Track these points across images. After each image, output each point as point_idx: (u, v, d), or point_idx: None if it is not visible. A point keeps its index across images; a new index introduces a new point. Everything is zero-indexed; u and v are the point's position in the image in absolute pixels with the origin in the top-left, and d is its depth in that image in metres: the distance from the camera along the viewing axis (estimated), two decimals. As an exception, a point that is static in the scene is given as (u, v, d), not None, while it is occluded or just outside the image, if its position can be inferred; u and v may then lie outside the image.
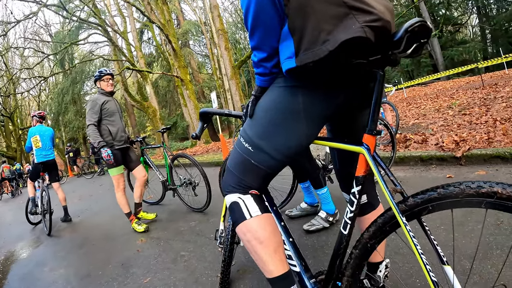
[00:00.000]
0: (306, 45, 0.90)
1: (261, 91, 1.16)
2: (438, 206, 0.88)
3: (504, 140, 3.57)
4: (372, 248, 1.01)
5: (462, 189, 0.83)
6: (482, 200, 0.80)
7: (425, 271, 0.89)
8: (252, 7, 0.96)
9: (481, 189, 0.80)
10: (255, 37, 1.03)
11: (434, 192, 0.88)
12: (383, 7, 0.91)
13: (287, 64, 0.95)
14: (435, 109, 8.01)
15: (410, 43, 0.84)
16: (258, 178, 1.19)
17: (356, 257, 1.03)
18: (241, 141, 1.18)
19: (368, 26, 0.82)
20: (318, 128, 1.11)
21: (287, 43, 0.96)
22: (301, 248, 2.30)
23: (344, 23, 0.84)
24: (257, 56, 1.07)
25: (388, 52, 0.89)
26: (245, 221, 1.15)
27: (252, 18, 0.98)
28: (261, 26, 0.99)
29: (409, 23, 0.81)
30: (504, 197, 0.76)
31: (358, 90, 1.07)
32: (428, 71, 25.05)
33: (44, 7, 15.62)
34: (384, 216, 0.98)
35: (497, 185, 0.78)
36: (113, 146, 3.75)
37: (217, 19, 14.73)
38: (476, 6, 26.52)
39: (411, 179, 3.40)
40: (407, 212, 0.92)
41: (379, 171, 0.99)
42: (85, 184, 12.41)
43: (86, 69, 28.23)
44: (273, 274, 1.14)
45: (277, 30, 0.99)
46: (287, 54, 0.95)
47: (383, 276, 1.06)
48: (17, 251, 4.25)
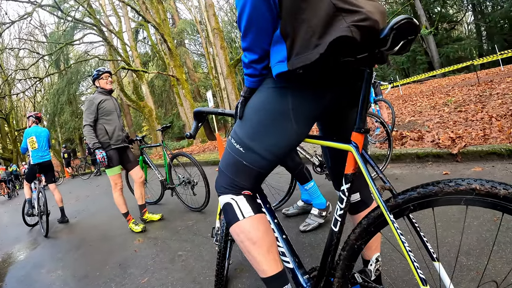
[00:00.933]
0: (298, 50, 0.91)
1: (250, 92, 1.17)
2: (419, 205, 0.89)
3: (500, 137, 3.59)
4: (359, 249, 1.02)
5: (441, 187, 0.84)
6: (462, 197, 0.81)
7: (413, 268, 0.90)
8: (248, 8, 0.96)
9: (459, 186, 0.81)
10: (248, 39, 1.03)
11: (414, 191, 0.89)
12: (373, 7, 0.91)
13: (278, 68, 0.96)
14: (431, 106, 8.04)
15: (397, 40, 0.85)
16: (250, 178, 1.20)
17: (345, 258, 1.05)
18: (232, 142, 1.19)
19: (355, 26, 0.83)
20: (308, 127, 1.12)
21: (279, 47, 0.96)
22: (298, 247, 2.32)
23: (334, 26, 0.85)
24: (248, 57, 1.07)
25: (375, 50, 0.89)
26: (238, 222, 1.17)
27: (246, 19, 0.98)
28: (255, 28, 0.99)
29: (395, 21, 0.81)
30: (482, 193, 0.78)
31: (346, 89, 1.09)
32: (423, 68, 25.14)
33: (39, 8, 15.51)
34: (368, 217, 0.99)
35: (475, 182, 0.79)
36: (109, 146, 3.73)
37: (212, 18, 14.70)
38: (471, 3, 26.61)
39: (407, 176, 3.41)
40: (395, 210, 0.93)
41: (367, 169, 0.99)
42: (81, 185, 12.37)
43: (81, 70, 28.14)
44: (267, 273, 1.16)
45: (270, 32, 0.99)
46: (279, 58, 0.96)
47: (374, 269, 1.07)
48: (14, 253, 4.23)
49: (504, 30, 25.04)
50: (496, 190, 0.76)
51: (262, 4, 0.93)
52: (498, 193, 0.75)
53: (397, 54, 0.90)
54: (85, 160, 18.67)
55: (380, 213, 0.96)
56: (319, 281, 1.16)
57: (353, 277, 1.10)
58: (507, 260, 1.58)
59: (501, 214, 0.78)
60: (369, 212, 1.00)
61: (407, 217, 0.94)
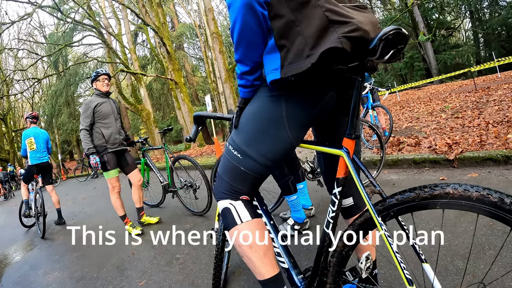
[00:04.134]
0: (291, 59, 0.95)
1: (245, 102, 1.21)
2: (398, 211, 0.94)
3: (496, 143, 3.62)
4: (347, 255, 1.07)
5: (417, 193, 0.89)
6: (437, 201, 0.86)
7: (399, 269, 0.95)
8: (238, 23, 0.99)
9: (434, 191, 0.86)
10: (239, 51, 1.07)
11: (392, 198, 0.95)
12: (364, 17, 0.96)
13: (272, 76, 1.00)
14: (428, 113, 8.08)
15: (387, 49, 0.89)
16: (248, 183, 1.23)
17: (335, 264, 1.09)
18: (230, 149, 1.22)
19: (345, 37, 0.87)
20: (302, 133, 1.15)
21: (273, 56, 1.00)
22: (296, 249, 2.33)
23: (326, 37, 0.90)
24: (240, 69, 1.11)
25: (365, 59, 0.93)
26: (236, 226, 1.20)
27: (237, 34, 1.02)
28: (245, 42, 1.03)
29: (384, 31, 0.86)
30: (456, 196, 0.82)
31: (338, 96, 1.12)
32: (421, 74, 25.24)
33: (38, 8, 15.51)
34: (352, 225, 1.05)
35: (449, 186, 0.84)
36: (106, 149, 3.73)
37: (211, 22, 14.75)
38: (469, 11, 26.75)
39: (404, 181, 3.44)
40: (383, 213, 0.97)
41: (357, 173, 1.03)
42: (78, 187, 12.32)
43: (80, 71, 28.07)
44: (264, 276, 1.19)
45: (260, 46, 1.03)
46: (273, 67, 1.00)
47: (364, 267, 1.10)
48: (11, 254, 4.22)
49: (502, 37, 25.17)
50: (469, 193, 0.80)
51: (251, 19, 0.96)
52: (471, 196, 0.80)
53: (387, 62, 0.94)
54: (82, 162, 18.60)
55: (369, 216, 1.00)
56: (313, 281, 1.20)
57: (344, 274, 1.13)
58: (503, 264, 1.61)
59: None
60: (358, 215, 1.05)
61: (396, 220, 0.98)
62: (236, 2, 0.96)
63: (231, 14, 1.00)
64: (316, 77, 1.01)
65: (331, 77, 1.04)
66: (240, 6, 0.95)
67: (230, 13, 1.01)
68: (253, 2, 0.94)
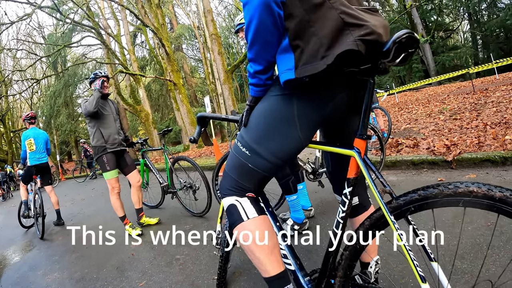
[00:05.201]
0: (306, 59, 0.96)
1: (255, 101, 1.21)
2: (419, 206, 0.94)
3: (494, 144, 3.65)
4: (361, 249, 1.06)
5: (441, 189, 0.89)
6: (460, 199, 0.87)
7: (413, 267, 0.95)
8: (254, 21, 0.99)
9: (458, 189, 0.87)
10: (253, 50, 1.07)
11: (415, 193, 0.94)
12: (377, 21, 0.97)
13: (286, 75, 1.01)
14: (426, 114, 8.11)
15: (398, 52, 0.91)
16: (255, 181, 1.23)
17: (347, 258, 1.09)
18: (239, 146, 1.22)
19: (361, 40, 0.89)
20: (312, 132, 1.16)
21: (287, 56, 1.01)
22: (299, 250, 2.34)
23: (341, 39, 0.91)
24: (253, 68, 1.12)
25: (378, 62, 0.95)
26: (243, 222, 1.20)
27: (253, 32, 1.02)
28: (260, 41, 1.03)
29: (397, 35, 0.88)
30: (479, 195, 0.83)
31: (349, 97, 1.13)
32: (419, 76, 25.28)
33: (38, 9, 15.50)
34: (370, 218, 1.04)
35: (473, 185, 0.85)
36: (105, 150, 3.73)
37: (210, 23, 14.76)
38: (467, 12, 26.83)
39: (403, 182, 3.45)
40: (396, 211, 0.97)
41: (369, 174, 1.04)
42: (77, 187, 12.31)
43: (79, 72, 27.98)
44: (270, 273, 1.18)
45: (275, 46, 1.04)
46: (287, 67, 1.00)
47: (374, 272, 1.11)
48: (10, 255, 4.22)
49: (500, 39, 25.26)
50: (493, 193, 0.81)
51: (268, 18, 0.97)
52: (494, 195, 0.80)
53: (398, 65, 0.95)
54: (80, 163, 18.55)
55: (381, 215, 1.00)
56: (320, 283, 1.19)
57: (353, 278, 1.13)
58: (501, 263, 1.62)
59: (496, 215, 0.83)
60: (371, 214, 1.05)
61: (405, 219, 0.99)
62: (253, 1, 0.96)
63: (247, 12, 1.00)
64: (328, 77, 1.01)
65: (342, 78, 1.06)
66: (258, 5, 0.95)
67: (245, 11, 1.01)
68: (270, 2, 0.94)
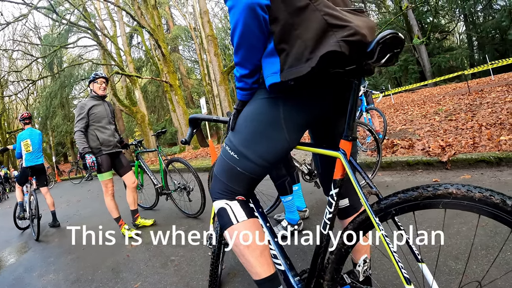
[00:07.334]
0: (291, 62, 0.97)
1: (242, 104, 1.21)
2: (400, 209, 0.94)
3: (489, 145, 3.67)
4: (347, 253, 1.07)
5: (420, 192, 0.89)
6: (440, 201, 0.86)
7: (397, 268, 0.95)
8: (240, 26, 0.99)
9: (437, 191, 0.86)
10: (239, 54, 1.07)
11: (395, 197, 0.95)
12: (361, 21, 0.98)
13: (271, 79, 1.01)
14: (422, 115, 8.14)
15: (383, 53, 0.90)
16: (244, 184, 1.24)
17: (333, 262, 1.09)
18: (227, 149, 1.23)
19: (344, 41, 0.89)
20: (299, 135, 1.17)
21: (272, 60, 1.02)
22: (289, 250, 2.34)
23: (325, 41, 0.92)
24: (240, 71, 1.12)
25: (362, 63, 0.95)
26: (232, 226, 1.21)
27: (238, 37, 1.02)
28: (246, 45, 1.03)
29: (381, 36, 0.88)
30: (459, 196, 0.83)
31: (336, 99, 1.14)
32: (415, 77, 25.41)
33: (34, 10, 15.45)
34: (354, 222, 1.05)
35: (452, 186, 0.85)
36: (100, 151, 3.73)
37: (207, 25, 14.75)
38: (463, 14, 27.00)
39: (398, 183, 3.47)
40: (380, 214, 0.98)
41: (354, 175, 1.04)
42: (72, 189, 12.27)
43: (75, 73, 27.95)
44: (260, 276, 1.20)
45: (260, 50, 1.04)
46: (273, 70, 1.01)
47: (362, 270, 1.11)
48: (5, 257, 4.20)
49: (495, 40, 25.40)
50: (472, 194, 0.81)
51: (253, 22, 0.97)
52: (474, 196, 0.81)
53: (383, 66, 0.95)
54: (76, 165, 18.49)
55: (366, 217, 1.00)
56: (310, 282, 1.20)
57: (341, 278, 1.14)
58: (495, 264, 1.64)
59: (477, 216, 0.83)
60: (355, 216, 1.05)
61: (392, 221, 1.00)
62: (238, 5, 0.96)
63: (232, 17, 1.00)
64: (314, 79, 1.02)
65: (328, 80, 1.06)
66: (242, 9, 0.96)
67: (231, 16, 1.01)
68: (255, 6, 0.94)
